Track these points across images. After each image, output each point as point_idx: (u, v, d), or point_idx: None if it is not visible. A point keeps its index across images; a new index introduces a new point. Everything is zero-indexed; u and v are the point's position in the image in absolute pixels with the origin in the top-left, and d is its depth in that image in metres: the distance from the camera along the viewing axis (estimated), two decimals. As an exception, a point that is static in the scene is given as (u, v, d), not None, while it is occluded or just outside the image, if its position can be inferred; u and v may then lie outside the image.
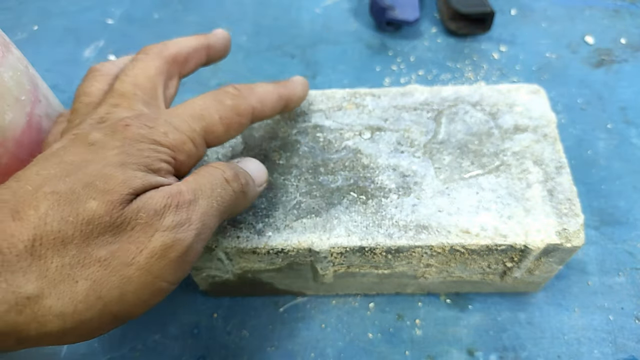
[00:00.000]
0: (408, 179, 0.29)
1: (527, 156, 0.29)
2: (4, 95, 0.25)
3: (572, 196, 0.27)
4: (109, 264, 0.17)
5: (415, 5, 0.45)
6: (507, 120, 0.31)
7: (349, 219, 0.27)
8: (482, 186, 0.28)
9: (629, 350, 0.30)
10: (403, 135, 0.31)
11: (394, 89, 0.33)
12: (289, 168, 0.30)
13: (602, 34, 0.46)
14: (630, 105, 0.42)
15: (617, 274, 0.33)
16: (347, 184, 0.29)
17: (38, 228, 0.16)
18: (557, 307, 0.32)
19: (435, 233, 0.26)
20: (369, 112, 0.32)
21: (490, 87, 0.33)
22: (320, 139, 0.31)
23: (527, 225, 0.26)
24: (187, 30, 0.47)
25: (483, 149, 0.30)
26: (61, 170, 0.18)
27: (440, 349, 0.31)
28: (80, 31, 0.49)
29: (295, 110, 0.32)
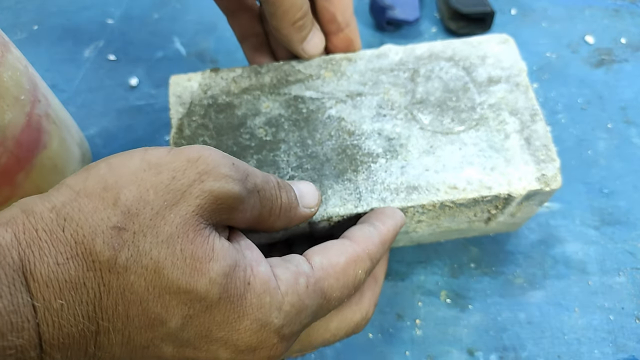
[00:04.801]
0: (394, 142, 0.30)
1: (503, 107, 0.30)
2: (4, 95, 0.25)
3: (548, 142, 0.29)
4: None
5: (415, 5, 0.45)
6: (481, 73, 0.32)
7: (342, 187, 0.28)
8: (464, 141, 0.29)
9: (629, 350, 0.30)
10: (383, 98, 0.31)
11: (369, 51, 0.33)
12: (277, 144, 0.30)
13: (602, 34, 0.46)
14: (630, 105, 0.42)
15: (617, 273, 0.33)
16: (336, 153, 0.29)
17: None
18: (557, 307, 0.32)
19: (425, 192, 0.28)
20: (348, 78, 0.32)
21: (462, 40, 0.33)
22: (303, 110, 0.31)
23: (508, 174, 0.28)
24: (187, 30, 0.47)
25: (461, 104, 0.31)
26: None
27: (440, 349, 0.31)
28: (80, 31, 0.48)
29: (273, 82, 0.32)
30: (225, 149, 0.30)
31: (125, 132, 0.41)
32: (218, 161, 0.20)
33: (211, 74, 0.32)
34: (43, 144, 0.29)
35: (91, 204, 0.18)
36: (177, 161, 0.19)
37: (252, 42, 0.35)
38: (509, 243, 0.36)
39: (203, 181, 0.19)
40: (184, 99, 0.31)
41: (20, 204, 0.18)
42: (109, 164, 0.19)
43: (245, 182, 0.21)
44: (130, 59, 0.45)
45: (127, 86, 0.44)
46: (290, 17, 0.29)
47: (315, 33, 0.32)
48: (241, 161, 0.21)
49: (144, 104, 0.43)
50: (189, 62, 0.45)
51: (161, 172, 0.19)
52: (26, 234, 0.17)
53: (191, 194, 0.19)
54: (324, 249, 0.23)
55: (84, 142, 0.36)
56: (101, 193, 0.18)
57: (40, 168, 0.28)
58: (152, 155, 0.19)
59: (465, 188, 0.28)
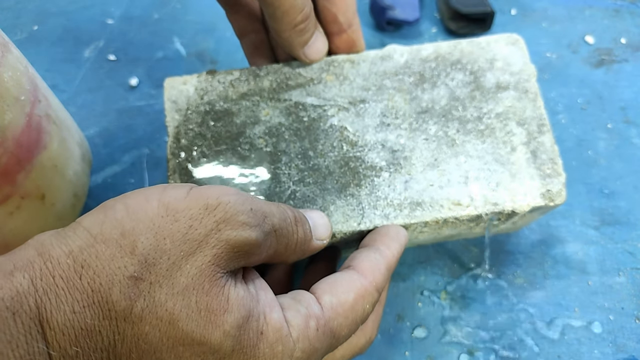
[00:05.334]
0: (397, 154, 0.29)
1: (510, 116, 0.30)
2: (4, 95, 0.25)
3: (554, 155, 0.29)
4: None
5: (415, 5, 0.45)
6: (489, 79, 0.31)
7: (344, 203, 0.28)
8: (469, 154, 0.29)
9: (629, 350, 0.30)
10: (387, 105, 0.30)
11: (373, 52, 0.32)
12: (277, 155, 0.29)
13: (602, 34, 0.46)
14: (630, 105, 0.42)
15: (617, 274, 0.33)
16: (338, 166, 0.29)
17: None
18: (557, 307, 0.32)
19: (429, 208, 0.28)
20: (350, 83, 0.31)
21: (470, 41, 0.32)
22: (304, 119, 0.30)
23: (513, 190, 0.28)
24: (187, 30, 0.47)
25: (467, 114, 0.30)
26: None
27: (440, 349, 0.31)
28: (80, 31, 0.48)
29: (273, 87, 0.30)
30: (224, 160, 0.29)
31: (125, 132, 0.41)
32: (236, 209, 0.19)
33: (207, 77, 0.31)
34: (43, 144, 0.29)
35: (108, 250, 0.18)
36: (194, 207, 0.19)
37: (251, 39, 0.34)
38: (509, 243, 0.36)
39: (220, 230, 0.19)
40: (180, 105, 0.30)
41: (36, 244, 0.18)
42: (127, 206, 0.19)
43: (263, 225, 0.20)
44: (130, 59, 0.45)
45: (127, 86, 0.44)
46: (290, 20, 0.28)
47: (318, 36, 0.30)
48: (259, 201, 0.21)
49: (144, 104, 0.43)
50: (189, 62, 0.45)
51: (178, 219, 0.19)
52: (43, 280, 0.17)
53: (208, 244, 0.19)
54: (332, 285, 0.23)
55: (84, 142, 0.36)
56: (119, 240, 0.18)
57: (40, 168, 0.28)
58: (170, 198, 0.19)
59: (469, 204, 0.27)
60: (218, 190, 0.20)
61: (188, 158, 0.29)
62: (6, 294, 0.16)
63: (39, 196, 0.28)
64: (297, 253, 0.24)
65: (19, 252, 0.18)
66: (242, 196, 0.20)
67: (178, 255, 0.18)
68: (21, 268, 0.17)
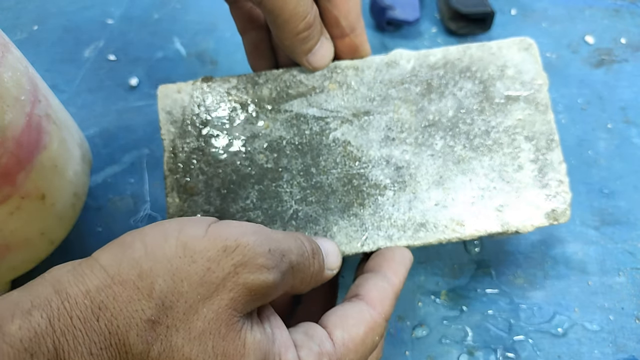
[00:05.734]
0: (402, 171, 0.28)
1: (519, 131, 0.29)
2: (4, 95, 0.25)
3: (562, 173, 0.28)
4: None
5: (415, 5, 0.45)
6: (499, 88, 0.29)
7: (347, 224, 0.27)
8: (475, 171, 0.28)
9: (629, 350, 0.30)
10: (392, 117, 0.29)
11: (378, 58, 0.30)
12: (278, 172, 0.28)
13: (602, 34, 0.46)
14: (630, 105, 0.42)
15: (617, 274, 0.33)
16: (341, 184, 0.28)
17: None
18: (557, 307, 0.32)
19: (432, 229, 0.27)
20: (354, 92, 0.29)
21: (480, 45, 0.30)
22: (306, 132, 0.28)
23: (518, 210, 0.28)
24: (187, 30, 0.47)
25: (474, 127, 0.29)
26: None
27: (440, 349, 0.31)
28: (80, 31, 0.48)
29: (273, 96, 0.29)
30: (224, 177, 0.28)
31: (125, 132, 0.41)
32: (255, 251, 0.19)
33: (203, 84, 0.29)
34: (43, 144, 0.29)
35: (126, 292, 0.17)
36: (212, 249, 0.19)
37: (252, 36, 0.32)
38: (509, 243, 0.36)
39: (238, 273, 0.19)
40: (175, 116, 0.28)
41: (52, 280, 0.18)
42: (145, 245, 0.19)
43: (281, 265, 0.20)
44: (130, 59, 0.45)
45: (127, 86, 0.44)
46: (292, 28, 0.27)
47: (323, 43, 0.29)
48: (277, 237, 0.21)
49: (144, 104, 0.43)
50: (189, 62, 0.45)
51: (196, 260, 0.18)
52: (61, 321, 0.17)
53: (225, 287, 0.18)
54: (343, 318, 0.23)
55: (84, 142, 0.36)
56: (136, 281, 0.18)
57: (40, 168, 0.28)
58: (188, 237, 0.19)
59: (474, 225, 0.27)
60: (237, 230, 0.20)
61: (186, 175, 0.28)
62: (24, 334, 0.16)
63: (39, 196, 0.28)
64: (310, 285, 0.24)
65: (36, 288, 0.18)
66: (260, 235, 0.20)
67: (195, 298, 0.18)
68: (39, 306, 0.17)
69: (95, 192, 0.38)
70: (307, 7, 0.26)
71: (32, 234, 0.29)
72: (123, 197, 0.38)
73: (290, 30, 0.27)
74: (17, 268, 0.31)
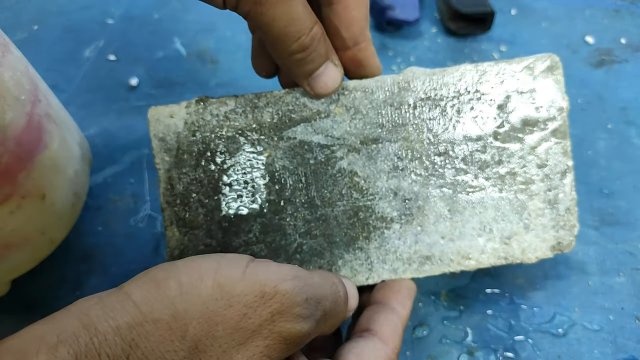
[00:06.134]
0: (410, 203, 0.27)
1: (533, 160, 0.27)
2: (4, 95, 0.25)
3: (572, 205, 0.28)
4: None
5: (415, 5, 0.45)
6: (516, 114, 0.27)
7: (352, 257, 0.27)
8: (485, 204, 0.27)
9: (629, 350, 0.30)
10: (402, 145, 0.27)
11: (389, 78, 0.27)
12: (282, 205, 0.27)
13: (602, 34, 0.46)
14: (630, 105, 0.42)
15: (617, 274, 0.33)
16: (347, 216, 0.27)
17: None
18: (557, 307, 0.32)
19: (437, 263, 0.27)
20: (362, 117, 0.27)
21: (500, 64, 0.27)
22: (311, 162, 0.27)
23: (524, 243, 0.27)
24: (187, 30, 0.47)
25: (488, 156, 0.27)
26: None
27: (440, 349, 0.31)
28: (80, 31, 0.48)
29: (274, 122, 0.27)
30: (226, 210, 0.27)
31: (125, 132, 0.41)
32: (292, 300, 0.19)
33: (197, 107, 0.26)
34: (44, 143, 0.29)
35: (158, 332, 0.17)
36: (250, 294, 0.18)
37: (258, 36, 0.30)
38: (509, 243, 0.36)
39: (274, 321, 0.18)
40: (169, 143, 0.26)
41: (79, 313, 0.17)
42: (180, 284, 0.18)
43: (315, 313, 0.20)
44: (130, 59, 0.45)
45: (127, 86, 0.44)
46: (283, 48, 0.24)
47: (328, 68, 0.25)
48: (314, 282, 0.21)
49: (144, 104, 0.43)
50: (189, 62, 0.45)
51: (232, 305, 0.18)
52: (88, 358, 0.16)
53: (260, 334, 0.18)
54: (360, 357, 0.23)
55: (84, 142, 0.36)
56: (170, 321, 0.17)
57: (41, 168, 0.28)
58: (225, 278, 0.18)
59: (479, 258, 0.27)
60: (276, 275, 0.19)
61: (185, 207, 0.26)
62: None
63: (40, 196, 0.28)
64: (336, 326, 0.23)
65: (62, 321, 0.17)
66: (299, 282, 0.20)
67: (230, 343, 0.18)
68: (65, 341, 0.16)
69: (95, 191, 0.38)
70: (301, 27, 0.23)
71: (33, 233, 0.29)
72: (123, 196, 0.38)
73: (282, 51, 0.24)
74: (17, 267, 0.31)
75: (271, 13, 0.22)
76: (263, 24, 0.23)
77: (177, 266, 0.19)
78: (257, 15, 0.22)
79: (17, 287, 0.33)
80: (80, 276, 0.34)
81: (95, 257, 0.35)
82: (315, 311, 0.20)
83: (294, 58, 0.24)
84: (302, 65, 0.25)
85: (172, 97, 0.43)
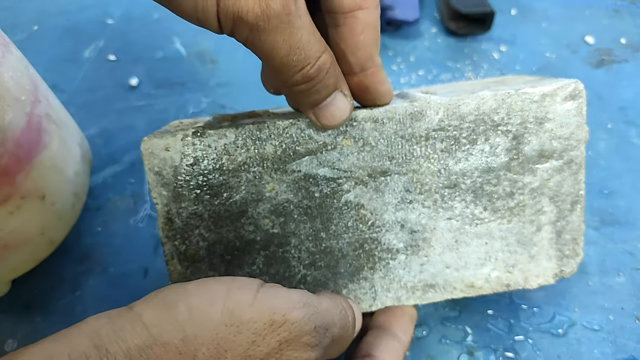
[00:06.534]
0: (417, 235, 0.27)
1: (545, 191, 0.27)
2: (4, 95, 0.25)
3: (579, 235, 0.27)
4: None
5: (415, 5, 0.45)
6: (533, 145, 0.26)
7: (357, 287, 0.27)
8: (492, 234, 0.27)
9: (629, 350, 0.30)
10: (412, 178, 0.26)
11: (401, 107, 0.25)
12: (286, 237, 0.26)
13: (602, 34, 0.46)
14: (630, 105, 0.42)
15: (617, 274, 0.33)
16: (352, 248, 0.27)
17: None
18: (557, 307, 0.32)
19: (441, 290, 0.27)
20: (371, 149, 0.25)
21: (521, 94, 0.25)
22: (316, 194, 0.26)
23: (528, 271, 0.27)
24: (187, 30, 0.47)
25: (499, 189, 0.26)
26: None
27: (440, 349, 0.31)
28: (80, 31, 0.48)
29: (278, 154, 0.25)
30: (227, 243, 0.26)
31: (125, 132, 0.41)
32: (301, 329, 0.19)
33: (194, 140, 0.25)
34: (43, 144, 0.29)
35: (167, 356, 0.17)
36: (259, 321, 0.18)
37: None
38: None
39: (282, 350, 0.19)
40: (166, 178, 0.25)
41: (90, 332, 0.17)
42: (190, 309, 0.18)
43: (324, 340, 0.20)
44: (130, 59, 0.45)
45: (127, 86, 0.44)
46: (285, 78, 0.22)
47: (337, 99, 0.23)
48: (323, 309, 0.21)
49: (144, 104, 0.43)
50: (189, 62, 0.45)
51: (242, 332, 0.18)
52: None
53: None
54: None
55: (84, 142, 0.36)
56: (179, 346, 0.17)
57: (40, 168, 0.28)
58: (234, 303, 0.19)
59: (482, 286, 0.27)
60: (285, 303, 0.19)
61: (185, 241, 0.26)
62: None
63: (39, 196, 0.28)
64: (342, 352, 0.23)
65: (73, 339, 0.17)
66: (309, 310, 0.20)
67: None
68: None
69: (95, 192, 0.38)
70: (306, 57, 0.21)
71: (32, 233, 0.29)
72: (123, 197, 0.38)
73: (284, 81, 0.22)
74: (17, 268, 0.31)
75: (271, 41, 0.20)
76: (263, 52, 0.21)
77: (187, 289, 0.19)
78: (256, 43, 0.20)
79: (17, 287, 0.33)
80: (79, 276, 0.34)
81: (95, 258, 0.35)
82: (324, 338, 0.20)
83: (297, 89, 0.22)
84: (307, 96, 0.23)
85: (172, 97, 0.43)
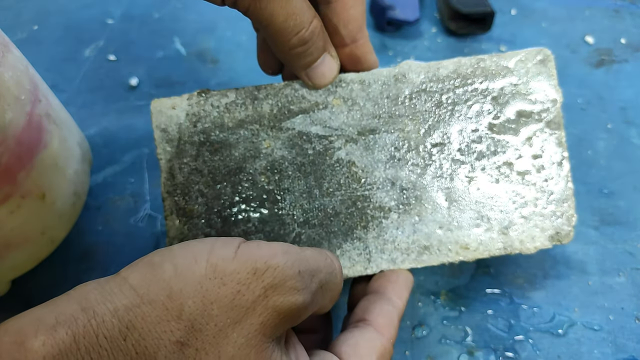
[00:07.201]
0: (407, 193, 0.27)
1: (529, 150, 0.28)
2: (4, 95, 0.25)
3: (569, 195, 0.28)
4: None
5: (415, 5, 0.45)
6: (511, 105, 0.28)
7: (351, 247, 0.27)
8: (483, 193, 0.28)
9: (629, 350, 0.30)
10: (399, 137, 0.28)
11: (385, 70, 0.28)
12: (281, 194, 0.27)
13: (602, 34, 0.46)
14: (630, 105, 0.42)
15: (617, 274, 0.33)
16: (345, 206, 0.27)
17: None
18: (557, 307, 0.32)
19: (436, 253, 0.27)
20: (360, 109, 0.28)
21: (494, 58, 0.28)
22: (309, 152, 0.27)
23: (523, 233, 0.27)
24: (187, 30, 0.47)
25: (483, 147, 0.28)
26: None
27: (440, 349, 0.31)
28: (80, 30, 0.48)
29: (274, 113, 0.27)
30: (225, 199, 0.27)
31: (125, 132, 0.41)
32: (285, 273, 0.19)
33: (199, 99, 0.27)
34: (44, 143, 0.29)
35: (155, 312, 0.17)
36: (242, 271, 0.19)
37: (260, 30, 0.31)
38: (509, 243, 0.36)
39: (268, 296, 0.19)
40: (171, 134, 0.27)
41: (79, 297, 0.18)
42: (175, 267, 0.18)
43: (310, 285, 0.20)
44: (130, 59, 0.45)
45: (127, 86, 0.44)
46: (283, 42, 0.25)
47: (326, 60, 0.27)
48: (307, 256, 0.21)
49: (144, 104, 0.43)
50: (189, 61, 0.45)
51: (226, 283, 0.18)
52: (86, 339, 0.16)
53: (255, 311, 0.18)
54: (355, 348, 0.23)
55: (84, 142, 0.36)
56: (165, 302, 0.17)
57: (41, 167, 0.28)
58: (217, 258, 0.19)
59: (477, 248, 0.27)
60: (267, 252, 0.20)
61: (185, 197, 0.27)
62: (48, 351, 0.16)
63: (40, 195, 0.28)
64: (334, 300, 0.23)
65: (61, 304, 0.17)
66: (290, 256, 0.20)
67: (225, 322, 0.18)
68: (64, 323, 0.17)
69: (95, 191, 0.38)
70: (301, 22, 0.24)
71: (33, 233, 0.29)
72: (123, 196, 0.38)
73: (282, 45, 0.25)
74: (18, 267, 0.31)
75: (270, 8, 0.23)
76: (263, 19, 0.24)
77: (172, 250, 0.19)
78: (257, 11, 0.23)
79: (17, 286, 0.33)
80: (80, 275, 0.34)
81: (95, 257, 0.35)
82: (310, 283, 0.20)
83: (294, 52, 0.25)
84: (302, 58, 0.26)
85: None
